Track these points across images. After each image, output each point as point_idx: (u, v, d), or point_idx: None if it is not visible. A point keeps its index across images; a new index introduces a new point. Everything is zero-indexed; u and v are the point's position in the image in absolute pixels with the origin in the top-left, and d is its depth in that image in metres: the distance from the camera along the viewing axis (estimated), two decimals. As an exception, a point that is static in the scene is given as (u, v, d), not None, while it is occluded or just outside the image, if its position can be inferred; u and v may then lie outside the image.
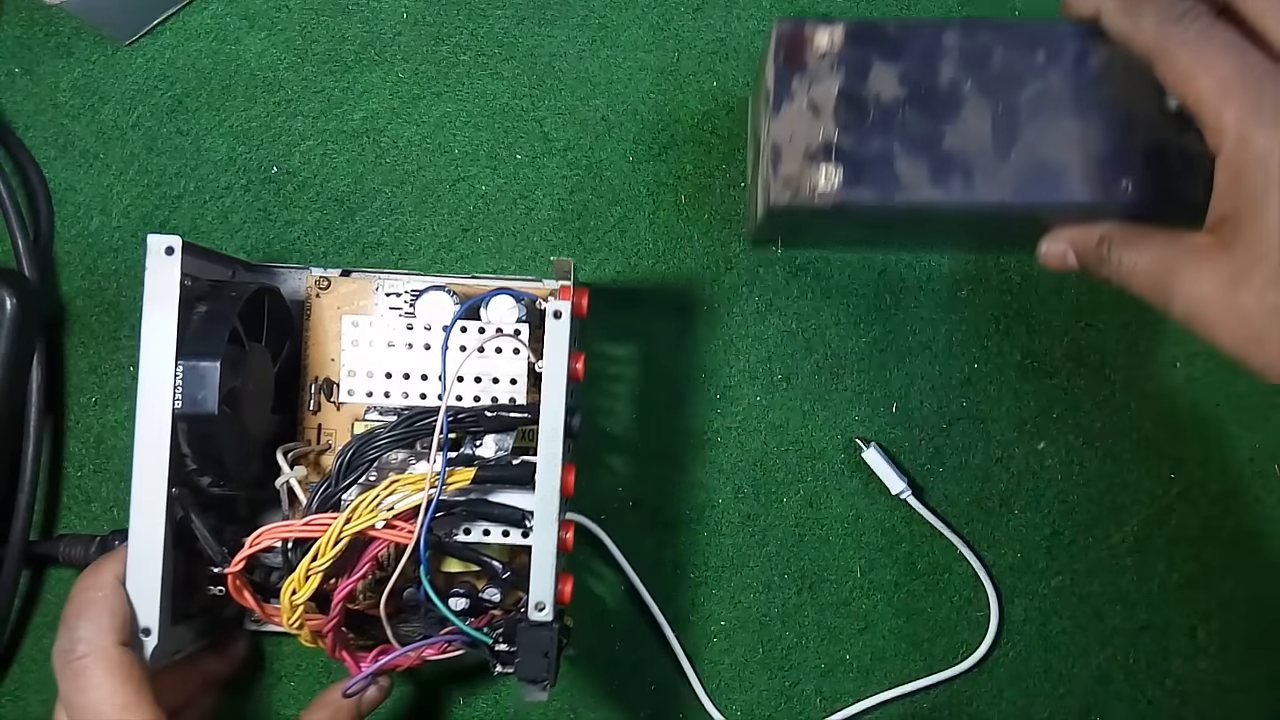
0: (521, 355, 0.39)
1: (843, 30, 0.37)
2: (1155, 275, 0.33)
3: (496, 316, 0.40)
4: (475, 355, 0.39)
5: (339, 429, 0.42)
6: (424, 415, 0.37)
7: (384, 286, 0.42)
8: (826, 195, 0.38)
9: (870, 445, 0.46)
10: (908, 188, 0.37)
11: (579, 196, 0.47)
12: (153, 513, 0.35)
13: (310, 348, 0.43)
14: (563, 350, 0.37)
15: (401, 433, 0.37)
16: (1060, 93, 0.37)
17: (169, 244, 0.36)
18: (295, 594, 0.35)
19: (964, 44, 0.38)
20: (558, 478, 0.36)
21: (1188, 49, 0.31)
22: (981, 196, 0.37)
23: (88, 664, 0.33)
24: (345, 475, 0.36)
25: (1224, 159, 0.31)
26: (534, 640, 0.35)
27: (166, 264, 0.36)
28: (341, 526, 0.35)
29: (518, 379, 0.39)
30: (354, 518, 0.35)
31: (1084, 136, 0.37)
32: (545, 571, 0.36)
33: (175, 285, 0.36)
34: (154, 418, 0.35)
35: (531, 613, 0.36)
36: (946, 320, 0.47)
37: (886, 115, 0.38)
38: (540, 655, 0.35)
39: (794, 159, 0.38)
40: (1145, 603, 0.47)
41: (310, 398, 0.42)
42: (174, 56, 0.48)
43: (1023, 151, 0.37)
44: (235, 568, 0.36)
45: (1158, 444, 0.47)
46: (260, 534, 0.36)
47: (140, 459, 0.35)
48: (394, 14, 0.48)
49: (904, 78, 0.38)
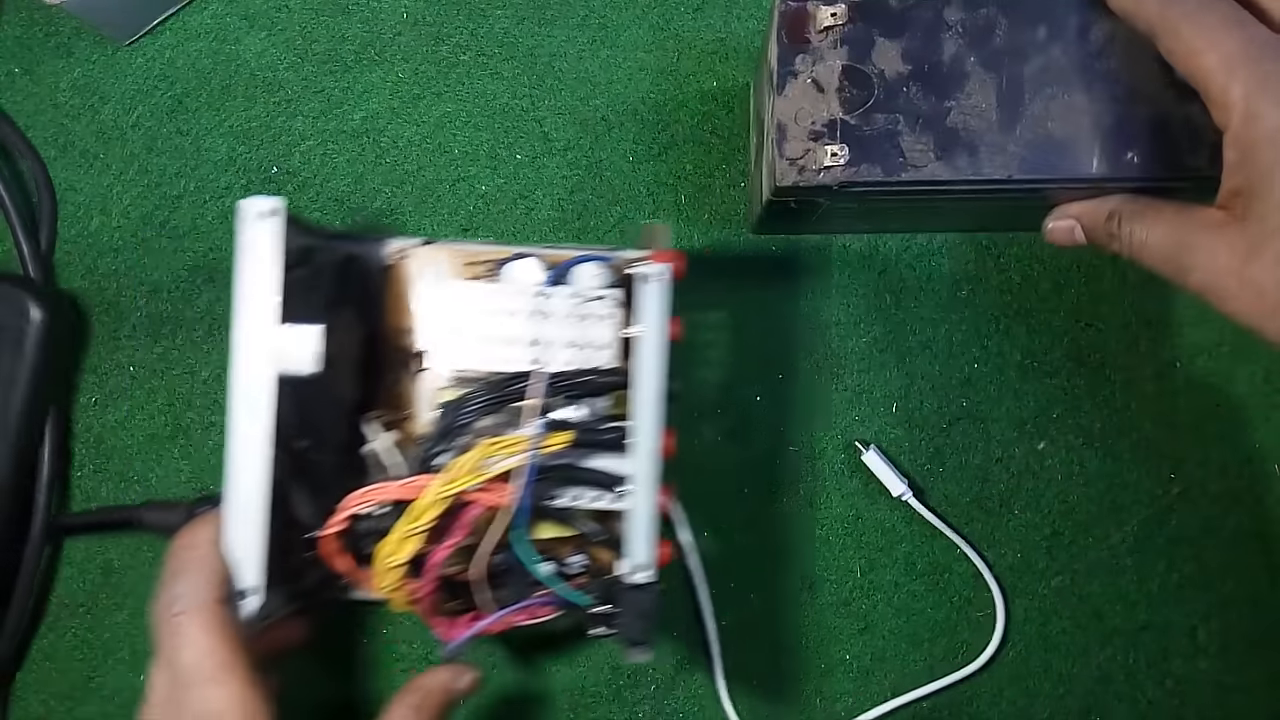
0: (612, 321, 0.39)
1: (845, 6, 0.38)
2: (1168, 250, 0.33)
3: (584, 283, 0.39)
4: (565, 321, 0.39)
5: (418, 397, 0.42)
6: (519, 380, 0.36)
7: (464, 256, 0.42)
8: (833, 174, 0.38)
9: (870, 448, 0.46)
10: (914, 165, 0.38)
11: (579, 196, 0.47)
12: (252, 473, 0.35)
13: (390, 317, 0.42)
14: (660, 313, 0.36)
15: (497, 396, 0.36)
16: (1065, 66, 0.38)
17: (270, 206, 0.35)
18: (391, 557, 0.35)
19: (967, 18, 0.38)
20: (658, 439, 0.36)
21: (1191, 23, 0.31)
22: (988, 172, 0.38)
23: (186, 620, 0.33)
24: (441, 440, 0.36)
25: (1232, 134, 0.31)
26: (635, 602, 0.35)
27: (267, 226, 0.35)
28: (441, 488, 0.35)
29: (607, 345, 0.39)
30: (453, 479, 0.35)
31: (1089, 109, 0.37)
32: (643, 534, 0.36)
33: (278, 247, 0.35)
34: (254, 379, 0.35)
35: (630, 575, 0.36)
36: (946, 320, 0.47)
37: (891, 92, 0.38)
38: (642, 617, 0.35)
39: (799, 138, 0.38)
40: (1145, 603, 0.47)
41: (390, 366, 0.42)
42: (174, 56, 0.48)
43: (1028, 126, 0.38)
44: (332, 530, 0.36)
45: (1158, 444, 0.47)
46: (358, 495, 0.35)
47: (238, 420, 0.35)
48: (394, 14, 0.48)
49: (907, 54, 0.38)
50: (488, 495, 0.35)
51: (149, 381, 0.47)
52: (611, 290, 0.39)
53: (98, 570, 0.46)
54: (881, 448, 0.46)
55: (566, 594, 0.37)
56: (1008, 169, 0.38)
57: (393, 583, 0.36)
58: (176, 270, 0.47)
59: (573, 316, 0.39)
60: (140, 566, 0.46)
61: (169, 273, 0.47)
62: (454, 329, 0.39)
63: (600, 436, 0.37)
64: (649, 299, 0.37)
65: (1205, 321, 0.47)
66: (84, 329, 0.47)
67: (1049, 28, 0.38)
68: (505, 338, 0.39)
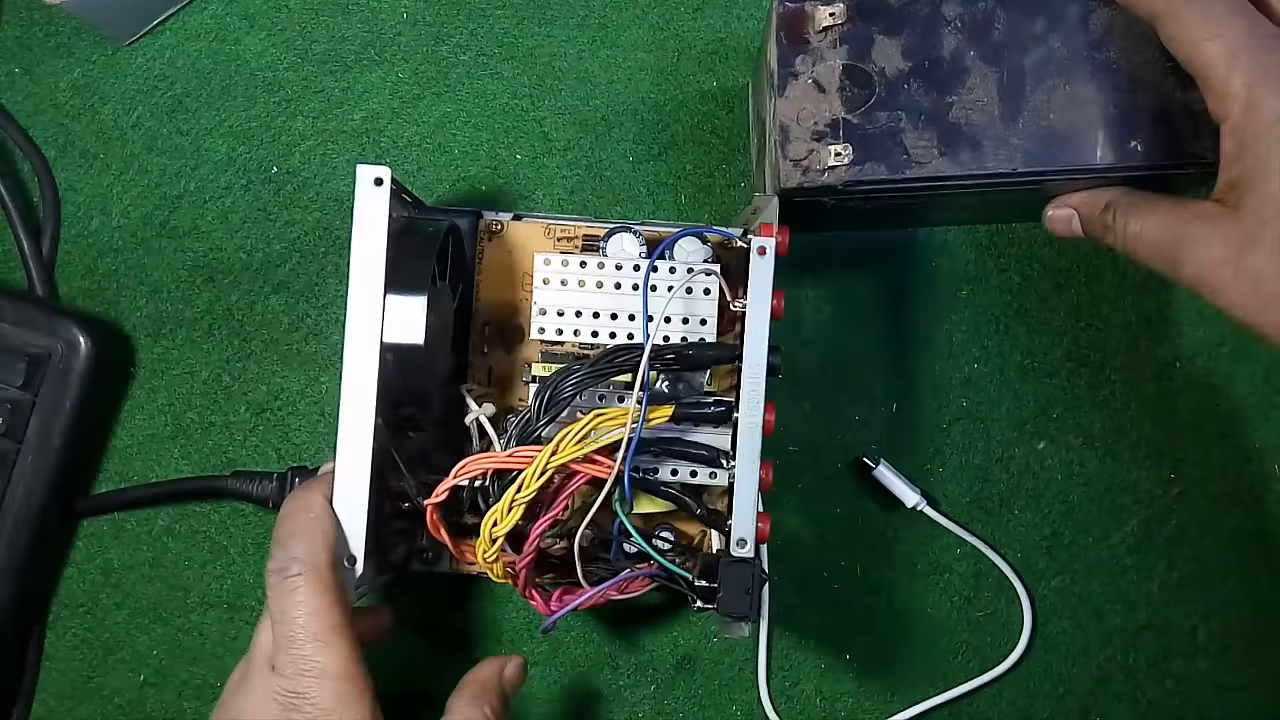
0: (712, 295, 0.39)
1: (844, 6, 0.38)
2: (1162, 243, 0.33)
3: (685, 257, 0.40)
4: (665, 295, 0.38)
5: (509, 371, 0.42)
6: (621, 353, 0.36)
7: (555, 231, 0.42)
8: (837, 173, 0.38)
9: (880, 463, 0.46)
10: (918, 161, 0.38)
11: (579, 196, 0.47)
12: (361, 440, 0.35)
13: (482, 290, 0.43)
14: (767, 286, 0.36)
15: (600, 369, 0.36)
16: (1065, 57, 0.38)
17: (378, 174, 0.35)
18: (496, 525, 0.35)
19: (965, 13, 0.38)
20: (761, 414, 0.36)
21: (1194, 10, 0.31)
22: (991, 166, 0.38)
23: (301, 582, 0.33)
24: (544, 412, 0.36)
25: (1231, 125, 0.31)
26: (736, 576, 0.35)
27: (376, 195, 0.35)
28: (547, 458, 0.35)
29: (708, 319, 0.39)
30: (559, 450, 0.35)
31: (1091, 99, 0.37)
32: (747, 508, 0.36)
33: (385, 216, 0.35)
34: (363, 347, 0.35)
35: (733, 548, 0.36)
36: (946, 320, 0.47)
37: (892, 89, 0.38)
38: (743, 591, 0.35)
39: (802, 139, 0.38)
40: (1145, 603, 0.47)
41: (484, 340, 0.42)
42: (174, 56, 0.48)
43: (1030, 118, 0.38)
44: (437, 499, 0.36)
45: (1158, 444, 0.47)
46: (465, 464, 0.36)
47: (349, 387, 0.35)
48: (394, 14, 0.48)
49: (907, 50, 0.38)
50: (592, 467, 0.36)
51: (149, 381, 0.47)
52: (712, 265, 0.39)
53: (98, 570, 0.46)
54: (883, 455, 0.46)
55: (669, 567, 0.37)
56: (1011, 162, 0.38)
57: (495, 553, 0.36)
58: (176, 270, 0.47)
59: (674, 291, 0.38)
60: (140, 567, 0.46)
61: (169, 273, 0.47)
62: (557, 300, 0.39)
63: (699, 410, 0.37)
64: (758, 271, 0.36)
65: (1205, 321, 0.47)
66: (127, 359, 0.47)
67: (1048, 19, 0.38)
68: (606, 311, 0.39)
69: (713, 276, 0.39)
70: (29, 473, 0.43)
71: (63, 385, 0.43)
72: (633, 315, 0.39)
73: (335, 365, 0.47)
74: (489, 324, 0.43)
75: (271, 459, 0.47)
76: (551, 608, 0.37)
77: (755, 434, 0.36)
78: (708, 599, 0.36)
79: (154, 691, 0.46)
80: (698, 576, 0.37)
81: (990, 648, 0.46)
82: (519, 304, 0.43)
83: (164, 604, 0.46)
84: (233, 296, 0.47)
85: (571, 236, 0.42)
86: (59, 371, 0.43)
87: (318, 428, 0.47)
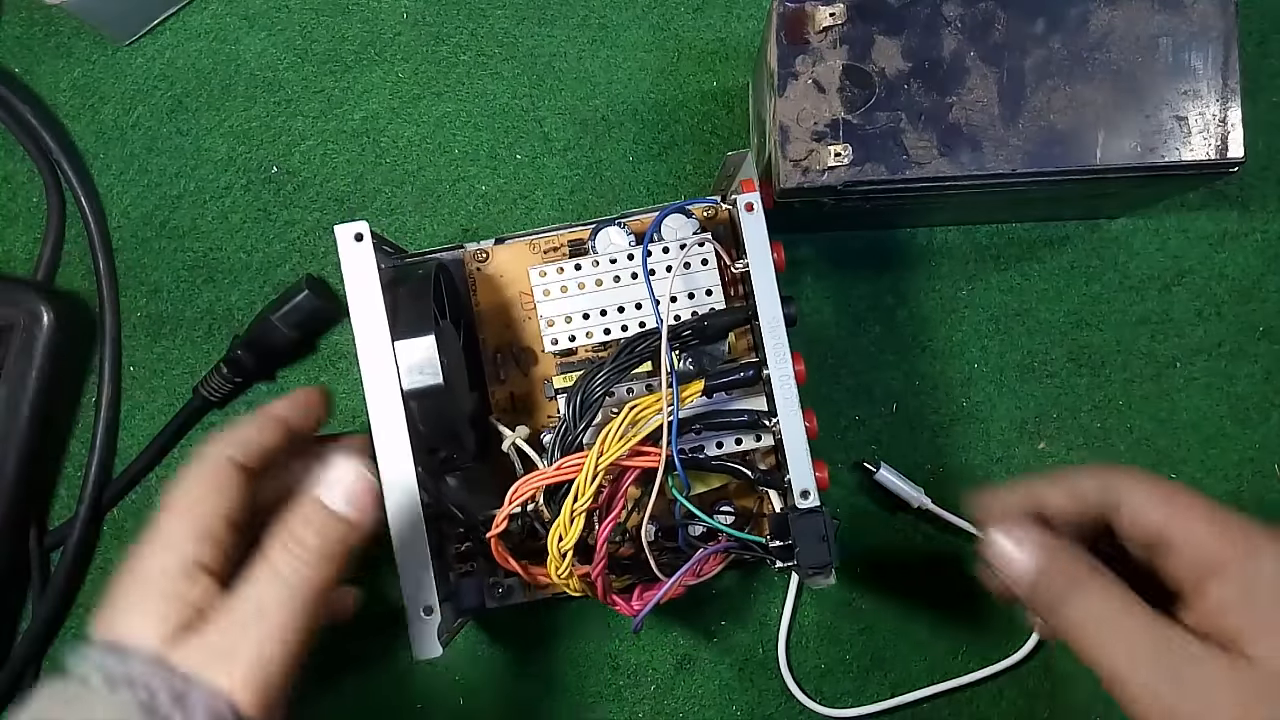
0: (710, 265, 0.39)
1: (844, 6, 0.38)
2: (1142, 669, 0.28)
3: (674, 235, 0.40)
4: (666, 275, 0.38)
5: (530, 391, 0.42)
6: (639, 341, 0.36)
7: (540, 245, 0.42)
8: (837, 174, 0.38)
9: (880, 466, 0.46)
10: (917, 162, 0.38)
11: (579, 196, 0.47)
12: (406, 491, 0.35)
13: (483, 321, 0.42)
14: (764, 240, 0.36)
15: (624, 362, 0.36)
16: (1065, 58, 0.38)
17: (357, 230, 0.36)
18: (562, 540, 0.35)
19: (965, 13, 0.38)
20: (790, 365, 0.36)
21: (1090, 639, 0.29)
22: (991, 166, 0.38)
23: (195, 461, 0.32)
24: (578, 419, 0.36)
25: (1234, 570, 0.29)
26: (809, 528, 0.35)
27: (360, 250, 0.36)
28: (596, 460, 0.35)
29: (712, 289, 0.39)
30: (605, 450, 0.35)
31: (1091, 100, 0.38)
32: (801, 459, 0.36)
33: (373, 269, 0.36)
34: (385, 400, 0.35)
35: (798, 501, 0.36)
36: (946, 320, 0.47)
37: (892, 90, 0.38)
38: (819, 540, 0.35)
39: (802, 139, 0.38)
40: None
41: (498, 368, 0.42)
42: (174, 56, 0.48)
43: (1030, 119, 0.38)
44: (498, 529, 0.36)
45: (1158, 444, 0.47)
46: (517, 488, 0.36)
47: (381, 442, 0.35)
48: (394, 14, 0.48)
49: (907, 51, 0.38)
50: (640, 459, 0.35)
51: (149, 381, 0.47)
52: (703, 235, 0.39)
53: (98, 570, 0.46)
54: (883, 455, 0.46)
55: (742, 536, 0.37)
56: (1011, 163, 0.38)
57: (567, 567, 0.36)
58: (176, 270, 0.47)
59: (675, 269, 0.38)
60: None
61: (169, 273, 0.47)
62: (561, 308, 0.39)
63: (730, 378, 0.37)
64: (751, 227, 0.36)
65: (1205, 321, 0.47)
66: (89, 330, 0.47)
67: (1048, 20, 0.38)
68: (611, 306, 0.39)
69: (707, 245, 0.38)
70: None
71: (28, 356, 0.44)
72: (639, 304, 0.39)
73: (334, 364, 0.47)
74: (499, 351, 0.42)
75: (271, 459, 0.47)
76: (634, 607, 0.37)
77: (790, 385, 0.36)
78: (785, 558, 0.36)
79: (154, 691, 0.46)
80: (771, 538, 0.37)
81: (991, 647, 0.46)
82: (522, 324, 0.42)
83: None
84: (233, 296, 0.47)
85: (557, 246, 0.42)
86: (23, 343, 0.44)
87: (318, 428, 0.47)
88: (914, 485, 0.45)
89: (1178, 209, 0.47)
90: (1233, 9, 0.38)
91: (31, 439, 0.44)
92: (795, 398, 0.36)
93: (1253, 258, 0.47)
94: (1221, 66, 0.38)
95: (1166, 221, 0.48)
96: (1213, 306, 0.47)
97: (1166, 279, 0.47)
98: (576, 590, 0.37)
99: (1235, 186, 0.48)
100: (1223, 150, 0.38)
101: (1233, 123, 0.38)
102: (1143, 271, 0.47)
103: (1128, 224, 0.47)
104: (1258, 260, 0.47)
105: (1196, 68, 0.38)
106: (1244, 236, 0.48)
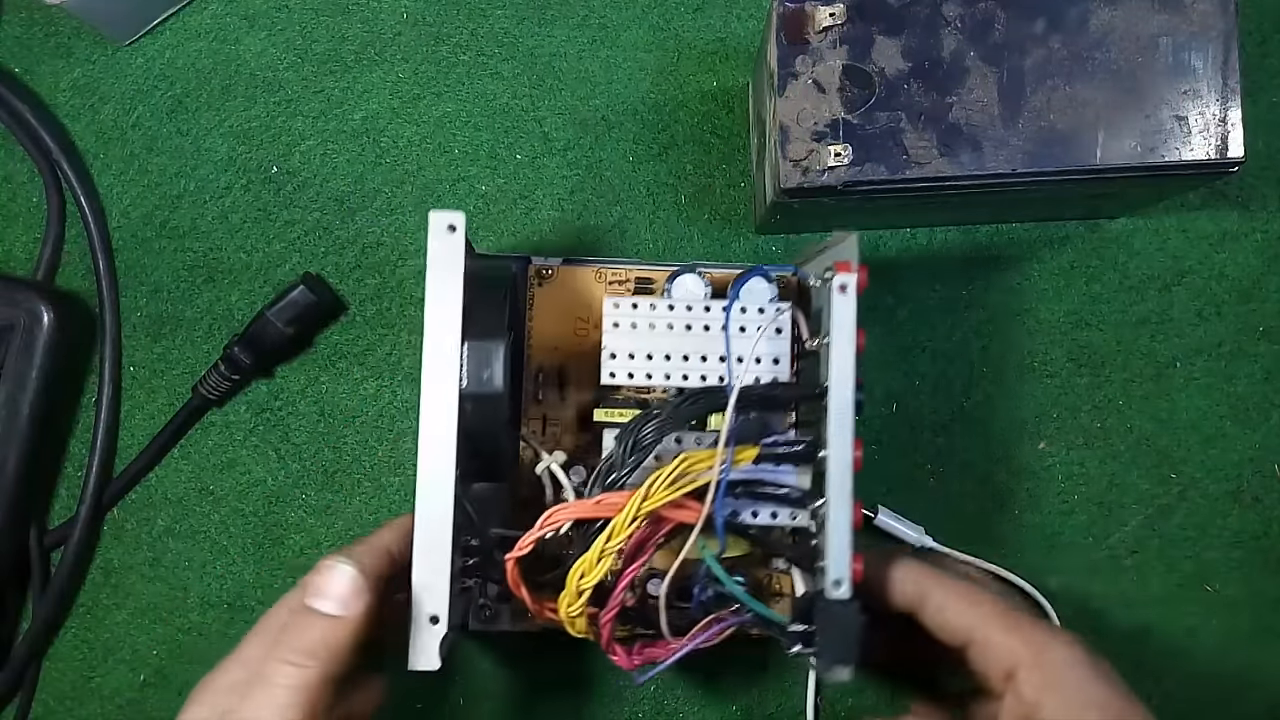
0: (784, 335, 0.38)
1: (844, 6, 0.38)
2: None
3: (752, 298, 0.39)
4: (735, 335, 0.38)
5: (563, 417, 0.42)
6: (705, 395, 0.36)
7: (606, 275, 0.42)
8: (837, 174, 0.38)
9: (879, 510, 0.45)
10: (917, 162, 0.38)
11: (579, 196, 0.47)
12: (443, 493, 0.34)
13: (532, 337, 0.42)
14: (851, 323, 0.35)
15: (684, 412, 0.35)
16: (1065, 58, 0.38)
17: (452, 221, 0.34)
18: (584, 578, 0.34)
19: (965, 13, 0.38)
20: (850, 450, 0.34)
21: None
22: (991, 167, 0.38)
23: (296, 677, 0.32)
24: (629, 457, 0.35)
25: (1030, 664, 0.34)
26: (836, 618, 0.34)
27: (451, 242, 0.34)
28: (639, 503, 0.33)
29: (780, 358, 0.38)
30: (650, 495, 0.33)
31: (1091, 100, 0.38)
32: (842, 547, 0.34)
33: (460, 264, 0.34)
34: (442, 397, 0.34)
35: (829, 590, 0.34)
36: (946, 320, 0.47)
37: (892, 89, 0.38)
38: (843, 634, 0.33)
39: (802, 139, 0.38)
40: (1145, 603, 0.47)
41: (537, 387, 0.42)
42: (174, 56, 0.48)
43: (1030, 119, 0.38)
44: (521, 552, 0.35)
45: (1158, 444, 0.47)
46: (552, 514, 0.34)
47: (427, 438, 0.34)
48: (394, 14, 0.48)
49: (907, 51, 0.38)
50: (680, 512, 0.34)
51: (149, 381, 0.47)
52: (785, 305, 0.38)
53: (98, 570, 0.46)
54: (883, 455, 0.46)
55: (766, 613, 0.35)
56: (1011, 163, 0.38)
57: (580, 606, 0.35)
58: (176, 270, 0.47)
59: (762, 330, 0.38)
60: (140, 567, 0.46)
61: (169, 273, 0.47)
62: (625, 346, 0.38)
63: (786, 450, 0.36)
64: (840, 309, 0.35)
65: (1205, 321, 0.47)
66: (89, 330, 0.47)
67: (1048, 20, 0.38)
68: (677, 353, 0.38)
69: (785, 315, 0.38)
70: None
71: (28, 356, 0.44)
72: (704, 356, 0.38)
73: (334, 364, 0.47)
74: (541, 371, 0.42)
75: (271, 459, 0.47)
76: (633, 661, 0.36)
77: (847, 471, 0.34)
78: (804, 644, 0.35)
79: (154, 691, 0.46)
80: (792, 620, 0.35)
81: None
82: (574, 349, 0.42)
83: (164, 604, 0.46)
84: (233, 296, 0.47)
85: (624, 279, 0.41)
86: (24, 343, 0.44)
87: (318, 428, 0.47)
88: (913, 525, 0.45)
89: (1178, 209, 0.47)
90: (1233, 9, 0.38)
91: (31, 439, 0.44)
92: (850, 484, 0.34)
93: (1253, 258, 0.47)
94: (1221, 66, 0.38)
95: (1166, 221, 0.48)
96: (1213, 306, 0.47)
97: (1166, 279, 0.47)
98: (581, 631, 0.36)
99: (1235, 186, 0.48)
100: (1223, 150, 0.38)
101: (1233, 123, 0.38)
102: (1143, 271, 0.47)
103: (1128, 224, 0.47)
104: (1258, 260, 0.47)
105: (1196, 67, 0.38)
106: (1244, 236, 0.48)
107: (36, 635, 0.45)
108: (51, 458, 0.46)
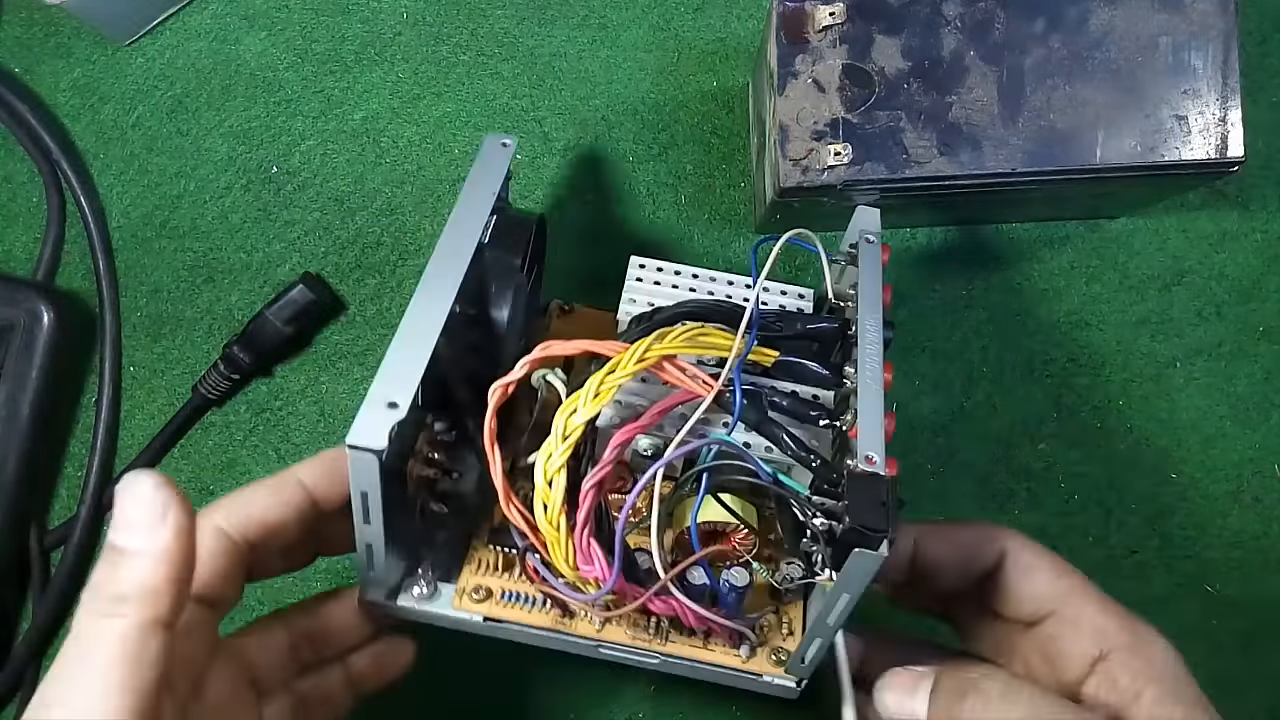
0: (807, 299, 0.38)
1: (844, 5, 0.38)
2: None
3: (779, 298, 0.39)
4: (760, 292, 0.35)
5: None
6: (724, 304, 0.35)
7: None
8: (836, 173, 0.38)
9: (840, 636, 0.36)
10: (917, 161, 0.38)
11: (579, 196, 0.47)
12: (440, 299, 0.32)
13: None
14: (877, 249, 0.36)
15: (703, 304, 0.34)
16: (1065, 57, 0.38)
17: (505, 140, 0.37)
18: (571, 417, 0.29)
19: (965, 12, 0.38)
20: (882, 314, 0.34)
21: None
22: (991, 166, 0.38)
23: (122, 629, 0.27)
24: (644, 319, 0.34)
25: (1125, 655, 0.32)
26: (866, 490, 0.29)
27: (499, 153, 0.37)
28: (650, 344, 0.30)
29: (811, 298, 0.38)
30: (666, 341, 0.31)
31: (1091, 100, 0.38)
32: (873, 420, 0.31)
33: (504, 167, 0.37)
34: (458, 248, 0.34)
35: (861, 466, 0.30)
36: (946, 320, 0.47)
37: (892, 89, 0.38)
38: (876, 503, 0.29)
39: (802, 138, 0.38)
40: (1145, 603, 0.46)
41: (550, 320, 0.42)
42: (174, 56, 0.48)
43: (1030, 118, 0.38)
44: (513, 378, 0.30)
45: (1158, 444, 0.47)
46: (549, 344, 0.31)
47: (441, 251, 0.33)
48: (394, 14, 0.48)
49: (907, 50, 0.38)
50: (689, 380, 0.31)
51: (149, 381, 0.47)
52: None
53: (97, 570, 0.46)
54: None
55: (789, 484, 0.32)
56: (1011, 162, 0.38)
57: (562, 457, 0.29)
58: (176, 270, 0.47)
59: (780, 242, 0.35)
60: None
61: (169, 273, 0.47)
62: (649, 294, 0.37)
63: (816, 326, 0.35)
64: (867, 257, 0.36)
65: (1205, 321, 0.47)
66: (89, 330, 0.47)
67: (1048, 19, 0.38)
68: None
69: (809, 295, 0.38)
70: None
71: (28, 356, 0.44)
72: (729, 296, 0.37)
73: (334, 364, 0.47)
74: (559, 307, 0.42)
75: (271, 459, 0.47)
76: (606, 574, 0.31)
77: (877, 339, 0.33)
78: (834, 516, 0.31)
79: (154, 691, 0.46)
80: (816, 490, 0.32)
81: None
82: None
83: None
84: (232, 296, 0.47)
85: None
86: (24, 343, 0.44)
87: (318, 428, 0.47)
88: None
89: (1178, 209, 0.47)
90: (1233, 8, 0.38)
91: (31, 439, 0.44)
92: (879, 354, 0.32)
93: (1253, 258, 0.47)
94: (1221, 66, 0.38)
95: (1166, 221, 0.48)
96: (1213, 306, 0.47)
97: (1166, 279, 0.47)
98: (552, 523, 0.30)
99: (1235, 186, 0.48)
100: (1223, 150, 0.38)
101: (1233, 122, 0.38)
102: (1143, 271, 0.47)
103: (1128, 224, 0.47)
104: (1258, 260, 0.47)
105: (1196, 67, 0.38)
106: (1244, 236, 0.48)
107: (36, 635, 0.45)
108: (51, 458, 0.46)
